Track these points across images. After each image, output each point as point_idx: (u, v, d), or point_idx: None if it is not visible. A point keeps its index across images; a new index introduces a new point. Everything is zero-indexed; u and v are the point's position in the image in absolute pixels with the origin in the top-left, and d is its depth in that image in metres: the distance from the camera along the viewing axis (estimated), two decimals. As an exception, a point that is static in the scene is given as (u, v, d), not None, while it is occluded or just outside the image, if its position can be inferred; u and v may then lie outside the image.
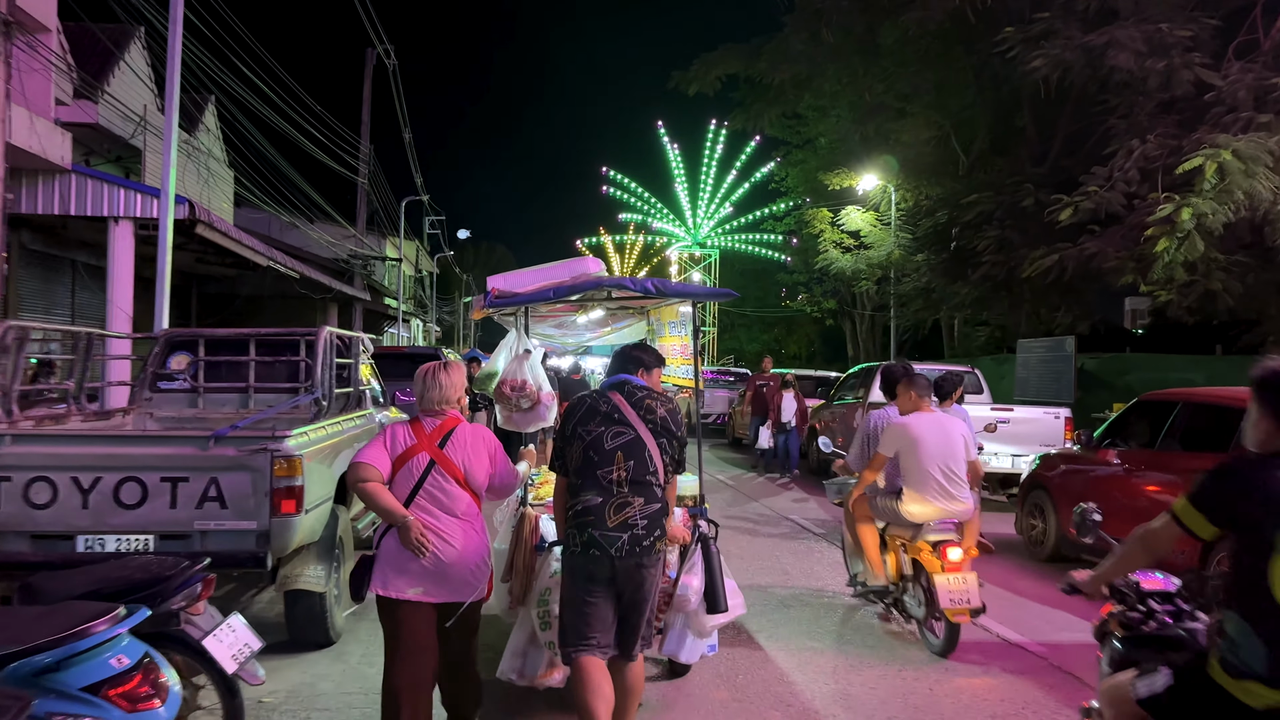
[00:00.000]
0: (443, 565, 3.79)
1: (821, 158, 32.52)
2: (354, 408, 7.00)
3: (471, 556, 3.87)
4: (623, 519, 3.87)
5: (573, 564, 3.97)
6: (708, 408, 24.91)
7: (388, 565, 3.81)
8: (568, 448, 4.06)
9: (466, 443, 3.92)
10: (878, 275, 26.31)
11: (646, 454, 3.95)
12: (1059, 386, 19.56)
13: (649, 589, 3.96)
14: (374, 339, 28.52)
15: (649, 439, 3.97)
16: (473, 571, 3.88)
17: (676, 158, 46.13)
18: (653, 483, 3.96)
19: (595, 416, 4.02)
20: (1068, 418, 11.90)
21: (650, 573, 3.95)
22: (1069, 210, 14.28)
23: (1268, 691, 2.42)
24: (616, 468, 3.91)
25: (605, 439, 3.96)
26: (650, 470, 3.95)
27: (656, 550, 3.94)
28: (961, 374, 14.34)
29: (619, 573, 3.87)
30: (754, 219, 44.16)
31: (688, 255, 48.72)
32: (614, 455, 3.93)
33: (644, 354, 4.33)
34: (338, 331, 6.71)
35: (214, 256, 18.22)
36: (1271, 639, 2.42)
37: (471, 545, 3.88)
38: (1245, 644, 2.47)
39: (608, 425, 3.98)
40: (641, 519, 3.89)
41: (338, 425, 6.09)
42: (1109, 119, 15.83)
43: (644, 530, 3.89)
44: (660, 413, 4.04)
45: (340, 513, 5.97)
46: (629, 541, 3.85)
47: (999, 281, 17.66)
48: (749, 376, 14.88)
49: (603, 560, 3.85)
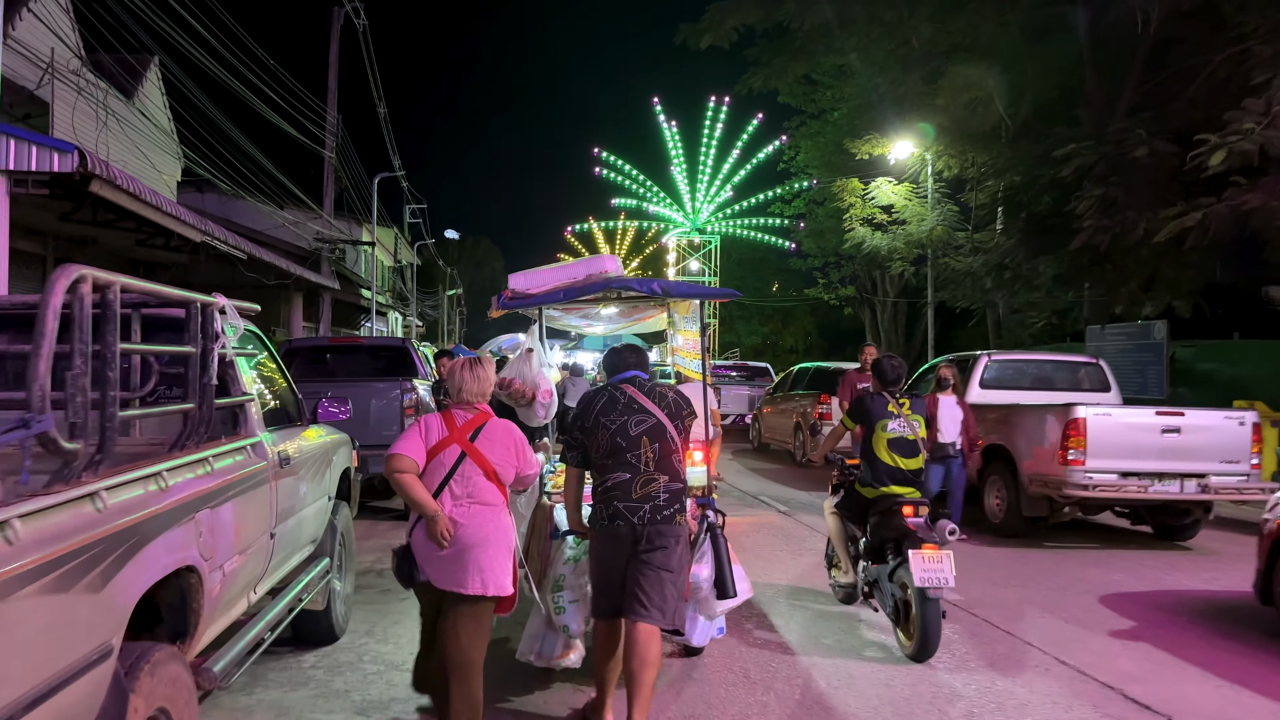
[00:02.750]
0: (467, 556, 3.87)
1: (839, 128, 29.44)
2: (200, 438, 3.62)
3: (496, 548, 3.93)
4: (646, 492, 4.24)
5: (601, 537, 4.31)
6: (725, 407, 21.80)
7: (418, 555, 3.97)
8: (589, 437, 4.36)
9: (496, 437, 4.03)
10: (914, 255, 23.20)
11: (668, 435, 4.35)
12: (1145, 381, 16.57)
13: (671, 555, 4.22)
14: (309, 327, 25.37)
15: (667, 422, 4.36)
16: (497, 564, 3.93)
17: (674, 136, 43.03)
18: (675, 461, 4.35)
19: (616, 406, 4.36)
20: (1255, 423, 8.82)
21: (671, 541, 4.24)
22: (1219, 154, 11.15)
23: (871, 490, 5.99)
24: (644, 450, 4.28)
25: (630, 426, 4.31)
26: (673, 449, 4.36)
27: (677, 522, 4.28)
28: (1081, 364, 11.35)
29: (641, 539, 4.19)
30: (759, 202, 41.10)
31: (686, 242, 45.66)
32: (640, 440, 4.29)
33: (643, 354, 4.70)
34: (104, 276, 2.76)
35: (160, 239, 15.64)
36: (873, 469, 5.96)
37: (496, 537, 3.94)
38: (866, 472, 6.02)
39: (629, 414, 4.33)
40: (664, 493, 4.27)
41: (139, 486, 2.88)
42: (1230, 50, 12.77)
43: (664, 502, 4.26)
44: (671, 397, 4.47)
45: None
46: (650, 511, 4.22)
47: (1099, 253, 14.50)
48: (842, 375, 11.16)
49: (625, 529, 4.21)
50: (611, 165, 43.66)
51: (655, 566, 4.13)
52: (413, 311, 41.59)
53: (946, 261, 23.52)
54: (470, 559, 3.83)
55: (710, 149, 43.04)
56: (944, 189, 23.31)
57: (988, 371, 10.64)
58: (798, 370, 18.11)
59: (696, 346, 6.70)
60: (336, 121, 26.25)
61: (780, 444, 17.58)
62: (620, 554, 4.18)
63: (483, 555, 3.85)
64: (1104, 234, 13.75)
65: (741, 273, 47.09)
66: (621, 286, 5.64)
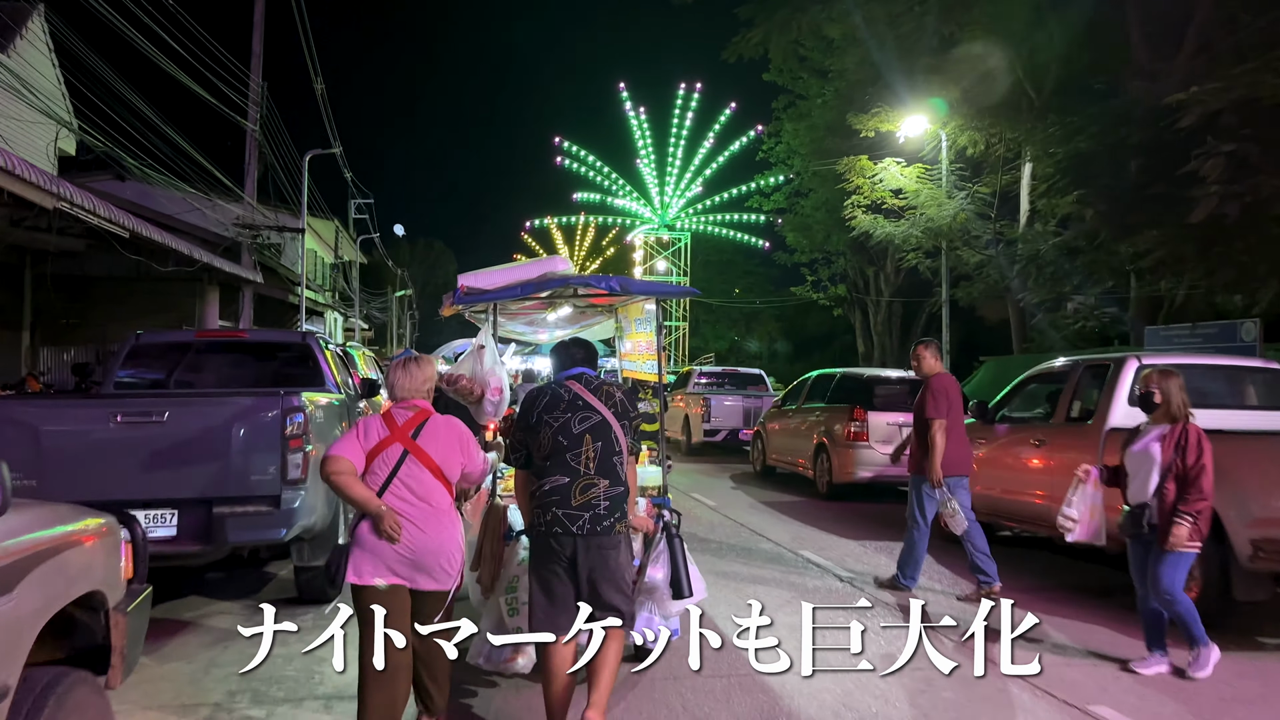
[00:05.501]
0: (417, 553, 3.86)
1: (831, 109, 26.54)
2: None
3: (446, 545, 3.93)
4: (586, 499, 4.02)
5: (538, 544, 4.11)
6: (716, 421, 18.62)
7: (363, 553, 3.86)
8: (532, 436, 4.18)
9: (439, 434, 4.01)
10: (929, 245, 20.25)
11: (613, 435, 4.13)
12: (1228, 390, 13.56)
13: (613, 566, 4.04)
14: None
15: (613, 421, 4.15)
16: (447, 559, 3.93)
17: (642, 125, 39.99)
18: (618, 465, 4.12)
19: (560, 404, 4.16)
20: None
21: (612, 553, 4.04)
22: None
23: None
24: (585, 449, 4.07)
25: (573, 423, 4.11)
26: (616, 450, 4.12)
27: (617, 531, 4.07)
28: (1254, 371, 8.33)
29: (579, 550, 3.98)
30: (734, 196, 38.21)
31: (654, 240, 42.60)
32: (582, 438, 4.09)
33: (591, 350, 4.56)
34: None
35: (43, 221, 13.14)
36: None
37: (445, 534, 3.93)
38: None
39: (573, 411, 4.14)
40: (604, 500, 4.04)
41: None
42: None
43: (605, 510, 4.02)
44: (618, 396, 4.24)
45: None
46: (590, 520, 3.99)
47: (1223, 227, 11.47)
48: (930, 381, 7.20)
49: (565, 539, 3.99)
50: (574, 155, 40.52)
51: (602, 584, 3.99)
52: (357, 313, 37.85)
53: (960, 253, 20.66)
54: (425, 554, 3.87)
55: (681, 139, 40.21)
56: (961, 170, 20.40)
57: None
58: (815, 378, 14.93)
59: (649, 348, 6.59)
60: (262, 90, 22.74)
61: (789, 468, 14.42)
62: (559, 562, 4.02)
63: (438, 549, 3.89)
64: (1234, 201, 10.76)
65: (708, 275, 44.47)
66: (580, 283, 5.77)
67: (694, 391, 19.54)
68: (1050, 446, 7.99)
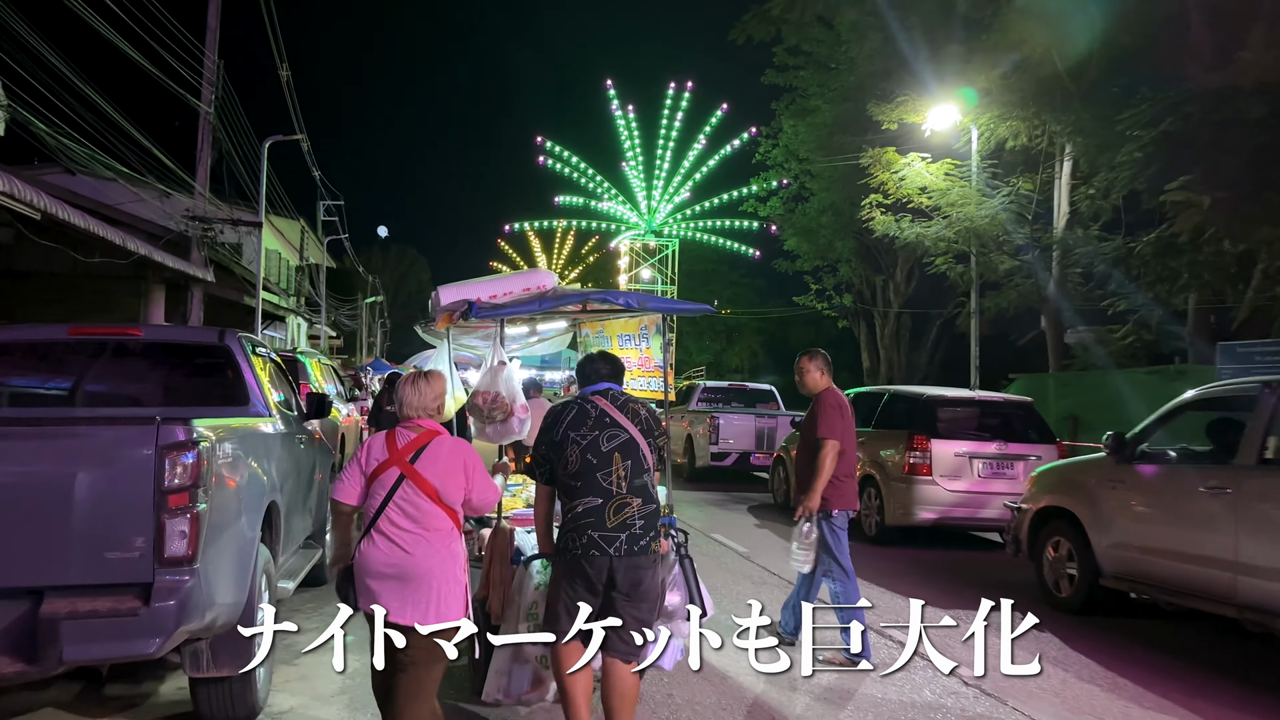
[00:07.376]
0: (404, 587, 3.60)
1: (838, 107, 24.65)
2: None
3: (434, 571, 3.63)
4: (621, 519, 3.91)
5: (571, 567, 3.95)
6: (725, 443, 16.47)
7: (360, 583, 3.69)
8: (557, 453, 4.04)
9: (441, 457, 3.75)
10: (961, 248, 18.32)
11: (640, 453, 4.01)
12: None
13: (648, 587, 3.96)
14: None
15: (640, 439, 4.02)
16: (437, 593, 3.63)
17: (630, 124, 37.91)
18: (648, 482, 4.02)
19: (586, 420, 4.03)
20: None
21: (648, 572, 3.96)
22: None
23: None
24: (616, 468, 3.95)
25: (601, 441, 3.98)
26: (645, 469, 4.01)
27: (652, 550, 3.98)
28: None
29: (617, 571, 3.89)
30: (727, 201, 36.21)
31: (640, 246, 40.48)
32: (611, 456, 3.96)
33: (617, 364, 4.37)
34: None
35: None
36: None
37: (435, 559, 3.65)
38: None
39: (600, 429, 4.01)
40: (639, 519, 3.93)
41: None
42: None
43: (641, 530, 3.92)
44: (643, 414, 4.12)
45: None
46: (627, 540, 3.89)
47: None
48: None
49: (601, 560, 3.87)
50: (557, 156, 38.36)
51: (636, 603, 3.93)
52: (323, 319, 35.40)
53: (992, 258, 18.75)
54: (415, 590, 3.59)
55: (670, 141, 38.13)
56: (994, 167, 18.52)
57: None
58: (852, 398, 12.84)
59: (641, 365, 6.54)
60: (218, 68, 20.46)
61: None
62: (593, 585, 3.89)
63: (425, 574, 3.61)
64: None
65: (691, 284, 42.45)
66: (599, 299, 5.52)
67: (698, 409, 17.44)
68: (1239, 496, 5.93)
